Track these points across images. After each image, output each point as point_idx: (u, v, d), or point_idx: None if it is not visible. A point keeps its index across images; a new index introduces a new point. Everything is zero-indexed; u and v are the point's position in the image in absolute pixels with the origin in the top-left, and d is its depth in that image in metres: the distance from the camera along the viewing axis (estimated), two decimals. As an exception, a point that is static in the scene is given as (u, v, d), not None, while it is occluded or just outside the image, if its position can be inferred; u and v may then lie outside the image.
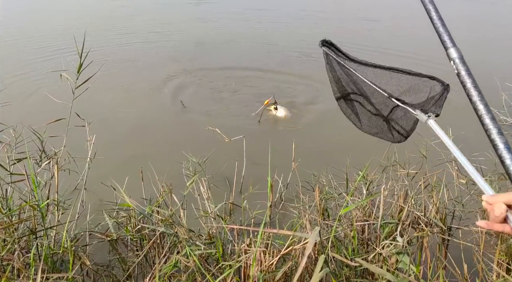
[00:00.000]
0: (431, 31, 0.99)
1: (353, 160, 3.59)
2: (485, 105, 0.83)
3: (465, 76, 0.88)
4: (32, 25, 11.14)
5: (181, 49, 9.08)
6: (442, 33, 0.93)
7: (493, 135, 0.80)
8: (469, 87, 0.87)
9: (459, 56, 0.91)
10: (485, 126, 0.82)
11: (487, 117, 0.82)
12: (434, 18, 0.95)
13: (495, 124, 0.81)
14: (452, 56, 0.91)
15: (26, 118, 5.10)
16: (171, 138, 5.03)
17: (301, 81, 7.16)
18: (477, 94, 0.85)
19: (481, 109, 0.84)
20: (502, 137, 0.79)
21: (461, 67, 0.90)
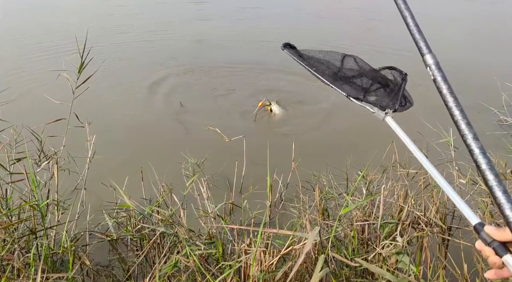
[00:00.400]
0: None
1: (353, 159, 3.59)
2: (461, 111, 0.85)
3: (441, 82, 0.90)
4: (31, 23, 11.14)
5: (180, 48, 9.08)
6: (418, 39, 0.95)
7: (468, 141, 0.82)
8: (445, 93, 0.88)
9: (435, 62, 0.92)
10: (461, 131, 0.84)
11: (462, 122, 0.84)
12: (411, 24, 0.96)
13: (470, 130, 0.83)
14: (428, 62, 0.92)
15: (24, 118, 5.10)
16: (170, 138, 5.03)
17: (301, 80, 7.16)
18: (453, 100, 0.87)
19: (457, 115, 0.85)
20: (477, 142, 0.81)
21: (437, 73, 0.91)
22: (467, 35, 10.82)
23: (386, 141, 3.39)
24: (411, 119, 4.91)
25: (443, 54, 5.89)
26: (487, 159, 0.79)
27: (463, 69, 7.86)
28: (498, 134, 4.96)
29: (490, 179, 0.76)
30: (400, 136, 1.13)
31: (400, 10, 0.97)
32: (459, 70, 7.75)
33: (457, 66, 8.00)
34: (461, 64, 8.17)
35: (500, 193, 0.74)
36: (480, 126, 5.09)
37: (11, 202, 2.51)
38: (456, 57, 8.61)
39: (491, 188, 0.75)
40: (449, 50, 9.08)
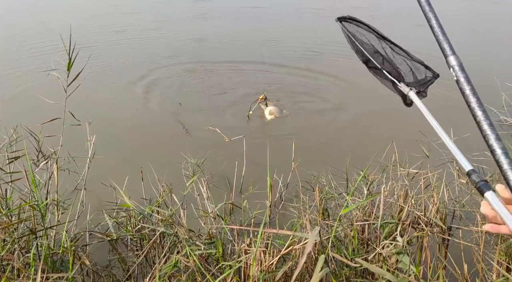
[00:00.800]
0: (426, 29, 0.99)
1: (352, 160, 3.59)
2: (483, 112, 0.85)
3: (464, 83, 0.91)
4: (28, 23, 11.15)
5: (178, 47, 9.09)
6: (442, 41, 0.96)
7: (491, 141, 0.82)
8: (468, 94, 0.89)
9: (459, 63, 0.93)
10: (483, 132, 0.84)
11: (485, 123, 0.84)
12: (435, 26, 0.97)
13: (493, 130, 0.82)
14: (451, 63, 0.94)
15: (21, 117, 5.10)
16: (170, 138, 5.02)
17: (304, 79, 7.16)
18: (476, 101, 0.87)
19: (479, 115, 0.85)
20: (499, 143, 0.81)
21: (460, 74, 0.92)
22: (467, 35, 10.81)
23: (386, 141, 3.40)
24: (412, 120, 4.91)
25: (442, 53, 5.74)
26: (509, 159, 0.78)
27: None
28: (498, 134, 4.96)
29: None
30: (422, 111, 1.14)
31: (424, 11, 0.98)
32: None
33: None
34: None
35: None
36: (480, 126, 5.08)
37: (11, 202, 2.51)
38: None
39: None
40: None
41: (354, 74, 7.49)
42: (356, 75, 7.45)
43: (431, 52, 6.54)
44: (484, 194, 0.82)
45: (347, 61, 8.35)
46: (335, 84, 7.09)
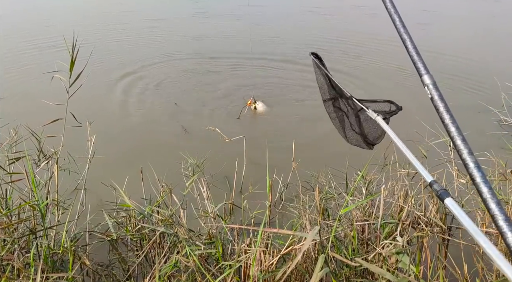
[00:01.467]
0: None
1: (352, 160, 3.59)
2: (457, 128, 0.91)
3: (438, 101, 0.96)
4: (28, 22, 11.16)
5: (177, 47, 9.09)
6: (417, 61, 1.02)
7: (464, 155, 0.87)
8: (442, 111, 0.95)
9: (432, 82, 0.99)
10: (457, 146, 0.89)
11: (458, 138, 0.89)
12: (409, 47, 1.03)
13: (465, 145, 0.88)
14: (426, 82, 0.99)
15: (21, 118, 5.10)
16: (170, 138, 5.02)
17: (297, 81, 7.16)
18: (449, 118, 0.93)
19: (453, 131, 0.91)
20: (472, 157, 0.86)
21: (434, 92, 0.97)
22: (468, 35, 10.81)
23: (386, 140, 3.39)
24: (411, 120, 4.92)
25: (443, 54, 5.92)
26: (482, 172, 0.83)
27: (464, 68, 7.87)
28: (498, 134, 4.96)
29: (484, 191, 0.80)
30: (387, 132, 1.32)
31: (399, 33, 1.04)
32: (459, 70, 7.76)
33: (457, 66, 8.01)
34: (462, 63, 8.17)
35: (494, 205, 0.77)
36: (480, 126, 5.09)
37: (11, 202, 2.51)
38: (457, 56, 8.61)
39: (485, 200, 0.79)
40: (449, 50, 9.09)
41: (353, 74, 7.50)
42: (356, 75, 7.46)
43: (429, 49, 6.55)
44: (444, 200, 0.90)
45: (347, 61, 8.37)
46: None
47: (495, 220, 0.76)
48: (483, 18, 13.61)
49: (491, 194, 0.79)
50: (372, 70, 7.71)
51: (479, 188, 0.80)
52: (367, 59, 8.43)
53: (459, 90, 6.76)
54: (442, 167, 3.14)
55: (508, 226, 0.73)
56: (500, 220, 0.75)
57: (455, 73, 7.52)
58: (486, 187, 0.80)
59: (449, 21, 12.97)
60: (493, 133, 4.96)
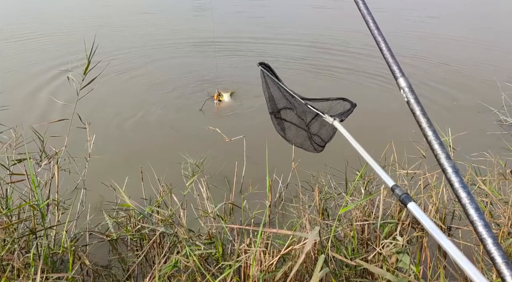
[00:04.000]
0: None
1: (351, 160, 3.59)
2: (434, 132, 0.90)
3: (414, 104, 0.95)
4: (32, 24, 11.16)
5: (176, 48, 9.10)
6: (392, 63, 1.00)
7: (442, 160, 0.86)
8: (418, 114, 0.93)
9: (408, 85, 0.97)
10: (434, 151, 0.88)
11: (435, 143, 0.88)
12: (384, 49, 1.01)
13: (443, 149, 0.87)
14: (401, 85, 0.98)
15: (25, 118, 5.10)
16: (170, 138, 5.03)
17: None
18: (426, 121, 0.91)
19: (430, 135, 0.89)
20: (450, 162, 0.85)
21: (410, 95, 0.96)
22: (468, 34, 10.82)
23: (385, 141, 3.40)
24: (409, 120, 4.91)
25: (444, 54, 5.92)
26: (460, 178, 0.82)
27: (464, 69, 7.87)
28: (498, 134, 4.97)
29: (463, 196, 0.80)
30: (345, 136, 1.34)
31: (373, 35, 1.03)
32: (459, 70, 7.76)
33: (457, 66, 8.01)
34: (462, 63, 8.17)
35: (472, 210, 0.77)
36: (480, 126, 5.09)
37: (11, 202, 2.52)
38: (457, 56, 8.61)
39: (464, 206, 0.79)
40: (449, 50, 9.09)
41: (352, 73, 7.50)
42: (354, 75, 7.46)
43: (428, 49, 6.50)
44: (406, 205, 0.90)
45: (346, 59, 8.37)
46: (333, 83, 7.10)
47: (475, 226, 0.75)
48: (484, 18, 13.61)
49: (470, 199, 0.78)
50: (365, 70, 7.71)
51: (457, 193, 0.80)
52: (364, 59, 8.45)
53: (459, 90, 6.76)
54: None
55: (487, 232, 0.73)
56: (479, 226, 0.75)
57: (455, 73, 7.53)
58: (465, 192, 0.79)
59: (449, 21, 12.97)
60: (493, 133, 4.96)
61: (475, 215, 0.76)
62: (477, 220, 0.75)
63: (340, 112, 1.50)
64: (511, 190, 2.89)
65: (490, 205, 2.80)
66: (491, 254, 0.70)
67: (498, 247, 0.71)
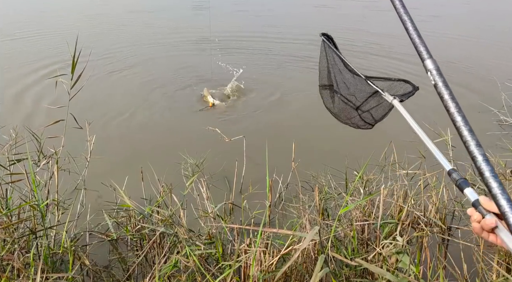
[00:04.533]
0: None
1: (351, 160, 3.60)
2: (463, 117, 0.83)
3: (442, 87, 0.88)
4: (25, 24, 11.18)
5: (175, 47, 9.11)
6: (418, 44, 0.94)
7: (471, 147, 0.80)
8: (447, 98, 0.87)
9: (436, 67, 0.91)
10: (463, 138, 0.82)
11: (465, 129, 0.82)
12: (410, 29, 0.95)
13: (473, 136, 0.81)
14: (429, 67, 0.92)
15: (24, 119, 5.10)
16: (170, 138, 5.02)
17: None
18: (455, 106, 0.85)
19: (459, 121, 0.84)
20: (480, 149, 0.79)
21: (438, 78, 0.90)
22: (468, 34, 10.81)
23: (385, 140, 3.40)
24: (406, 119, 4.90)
25: (444, 53, 5.93)
26: (491, 166, 0.77)
27: (464, 69, 7.87)
28: (498, 134, 4.96)
29: (494, 186, 0.75)
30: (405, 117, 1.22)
31: (399, 15, 0.96)
32: (459, 70, 7.76)
33: (457, 66, 8.00)
34: (462, 64, 8.17)
35: (504, 201, 0.72)
36: (480, 126, 5.09)
37: (11, 202, 2.51)
38: (457, 56, 8.61)
39: (495, 196, 0.74)
40: (449, 50, 9.08)
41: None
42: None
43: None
44: (463, 190, 0.85)
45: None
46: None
47: (506, 217, 0.71)
48: (484, 18, 13.61)
49: (502, 190, 0.74)
50: (367, 69, 7.72)
51: (488, 183, 0.75)
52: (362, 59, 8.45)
53: (459, 90, 6.76)
54: (441, 166, 3.14)
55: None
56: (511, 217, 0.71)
57: (454, 73, 7.52)
58: (496, 182, 0.75)
59: (449, 21, 12.97)
60: (493, 133, 4.96)
61: (507, 206, 0.72)
62: (509, 211, 0.72)
63: (400, 93, 1.45)
64: (511, 190, 2.89)
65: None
66: None
67: None
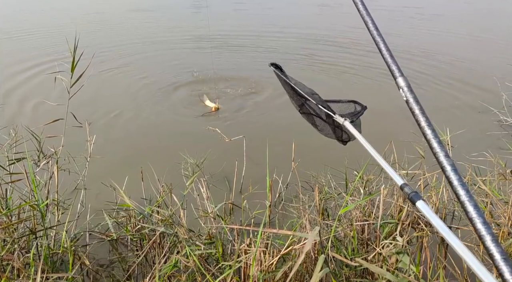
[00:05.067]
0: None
1: (351, 160, 3.59)
2: (433, 130, 0.91)
3: (413, 103, 0.96)
4: (24, 24, 11.19)
5: (174, 46, 9.10)
6: (391, 63, 1.01)
7: (441, 158, 0.87)
8: (417, 113, 0.94)
9: (407, 84, 0.99)
10: (433, 149, 0.89)
11: (434, 141, 0.89)
12: (383, 49, 1.03)
13: (442, 148, 0.88)
14: (400, 84, 0.99)
15: (23, 119, 5.10)
16: (170, 138, 5.02)
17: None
18: (425, 120, 0.93)
19: (428, 134, 0.91)
20: (448, 160, 0.86)
21: (409, 95, 0.97)
22: (468, 34, 10.81)
23: (385, 140, 3.40)
24: (407, 119, 4.91)
25: (443, 53, 5.94)
26: (458, 176, 0.84)
27: (464, 69, 7.87)
28: (498, 134, 4.97)
29: (462, 194, 0.80)
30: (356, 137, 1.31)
31: (372, 36, 1.04)
32: (459, 70, 7.76)
33: (457, 66, 8.01)
34: (462, 64, 8.18)
35: (471, 207, 0.78)
36: (480, 126, 5.09)
37: (11, 202, 2.51)
38: (457, 56, 8.61)
39: (463, 203, 0.80)
40: (449, 50, 9.09)
41: (349, 73, 7.51)
42: (352, 74, 7.46)
43: (428, 48, 6.51)
44: (415, 203, 0.90)
45: (345, 59, 8.37)
46: (332, 82, 7.10)
47: (473, 223, 0.76)
48: (484, 18, 13.61)
49: (469, 197, 0.79)
50: (364, 71, 7.72)
51: (456, 191, 0.81)
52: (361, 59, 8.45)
53: (459, 90, 6.76)
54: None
55: (486, 229, 0.73)
56: (478, 223, 0.75)
57: (455, 73, 7.53)
58: (464, 189, 0.80)
59: (449, 20, 12.97)
60: (493, 134, 4.96)
61: (473, 213, 0.76)
62: (476, 217, 0.76)
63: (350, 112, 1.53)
64: (511, 190, 2.89)
65: (490, 205, 2.80)
66: (490, 251, 0.71)
67: (497, 244, 0.71)
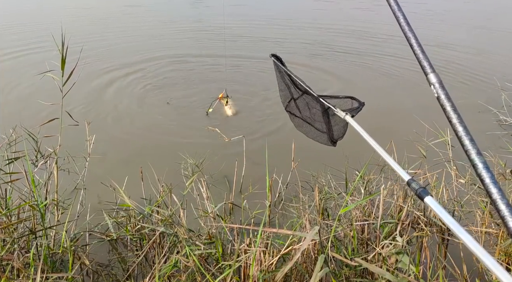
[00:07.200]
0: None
1: (351, 160, 3.59)
2: (464, 127, 0.88)
3: (444, 99, 0.93)
4: (16, 22, 11.22)
5: (174, 48, 9.10)
6: (422, 59, 0.99)
7: (472, 156, 0.84)
8: (449, 110, 0.92)
9: (439, 80, 0.96)
10: (464, 147, 0.87)
11: (466, 138, 0.87)
12: (414, 45, 1.01)
13: (474, 145, 0.85)
14: (432, 81, 0.97)
15: (21, 119, 5.09)
16: (170, 138, 5.02)
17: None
18: (457, 117, 0.90)
19: (460, 131, 0.88)
20: (480, 158, 0.84)
21: (441, 91, 0.95)
22: (468, 34, 10.81)
23: (386, 139, 3.40)
24: (408, 120, 4.92)
25: (443, 53, 5.93)
26: (491, 173, 0.81)
27: (464, 69, 7.87)
28: (498, 134, 4.97)
29: (494, 192, 0.78)
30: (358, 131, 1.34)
31: (404, 31, 1.02)
32: (459, 70, 7.76)
33: (457, 66, 8.01)
34: (462, 64, 8.17)
35: (503, 206, 0.76)
36: (480, 126, 5.09)
37: (10, 202, 2.51)
38: (457, 57, 8.61)
39: (495, 201, 0.77)
40: (449, 50, 9.09)
41: (350, 73, 7.50)
42: (352, 75, 7.45)
43: (428, 48, 6.44)
44: (423, 199, 0.89)
45: (344, 59, 8.36)
46: (332, 82, 7.09)
47: (505, 221, 0.74)
48: (483, 18, 13.61)
49: (501, 195, 0.77)
50: (369, 70, 7.72)
51: (488, 189, 0.79)
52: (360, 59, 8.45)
53: (459, 90, 6.76)
54: (441, 166, 3.15)
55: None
56: (510, 221, 0.74)
57: (455, 73, 7.53)
58: (496, 188, 0.78)
59: (449, 21, 12.97)
60: (493, 133, 4.96)
61: (506, 211, 0.75)
62: (508, 215, 0.75)
63: (349, 108, 1.53)
64: (511, 190, 2.89)
65: (490, 205, 2.80)
66: None
67: None
